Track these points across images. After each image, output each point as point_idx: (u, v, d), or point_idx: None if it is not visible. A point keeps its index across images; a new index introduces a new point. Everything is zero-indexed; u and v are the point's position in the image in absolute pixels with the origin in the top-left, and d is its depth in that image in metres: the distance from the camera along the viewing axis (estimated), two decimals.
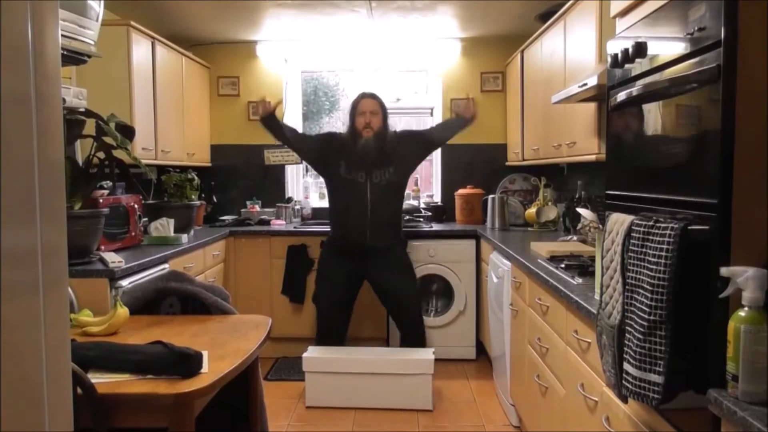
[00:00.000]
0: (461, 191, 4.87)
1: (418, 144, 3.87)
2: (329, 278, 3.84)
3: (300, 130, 4.95)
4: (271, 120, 3.76)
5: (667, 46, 1.52)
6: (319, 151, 3.85)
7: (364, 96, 3.79)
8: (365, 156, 3.69)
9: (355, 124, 3.73)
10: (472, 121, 3.85)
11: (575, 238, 3.50)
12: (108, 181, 3.18)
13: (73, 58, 2.62)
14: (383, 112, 3.76)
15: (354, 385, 3.55)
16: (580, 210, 2.90)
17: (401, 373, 3.53)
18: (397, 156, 3.75)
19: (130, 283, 2.77)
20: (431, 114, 5.25)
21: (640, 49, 1.62)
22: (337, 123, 5.64)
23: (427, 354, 3.60)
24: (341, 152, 3.74)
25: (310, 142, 3.97)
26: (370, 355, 3.62)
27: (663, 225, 1.34)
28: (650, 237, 1.37)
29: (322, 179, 5.34)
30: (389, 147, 3.73)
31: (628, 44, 1.67)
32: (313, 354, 3.64)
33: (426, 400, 3.53)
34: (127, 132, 2.80)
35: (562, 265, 2.55)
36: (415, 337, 3.81)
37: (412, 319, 3.82)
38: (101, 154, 2.69)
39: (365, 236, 3.70)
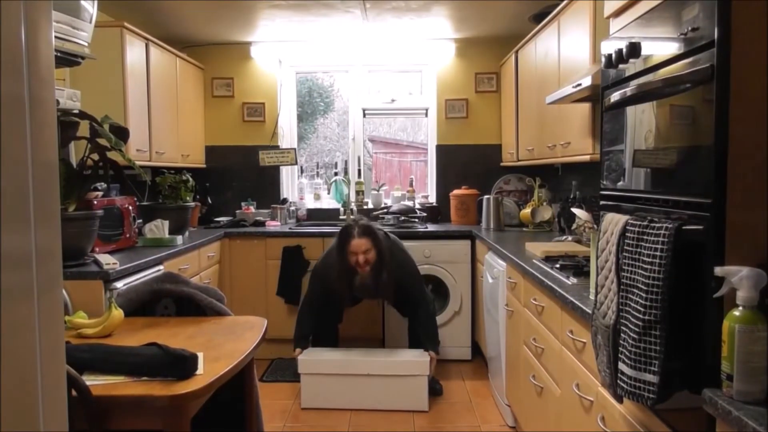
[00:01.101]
0: (456, 192, 4.88)
1: (410, 302, 3.76)
2: (324, 299, 3.80)
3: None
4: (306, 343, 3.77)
5: (660, 46, 1.52)
6: (326, 290, 3.72)
7: (352, 236, 3.52)
8: (364, 294, 3.74)
9: (347, 260, 3.55)
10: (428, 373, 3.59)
11: (570, 238, 3.51)
12: (102, 183, 3.17)
13: (66, 59, 2.61)
14: (377, 246, 3.53)
15: (349, 386, 3.55)
16: (574, 210, 2.90)
17: (397, 374, 3.53)
18: (396, 293, 3.70)
19: (124, 284, 2.76)
20: (426, 115, 5.26)
21: (634, 50, 1.62)
22: (331, 124, 5.65)
23: (422, 355, 3.60)
24: (336, 291, 3.66)
25: (320, 292, 3.78)
26: (365, 357, 3.62)
27: (657, 225, 1.35)
28: (645, 237, 1.38)
29: (317, 180, 5.39)
30: (388, 283, 3.58)
31: (622, 44, 1.67)
32: (308, 356, 3.63)
33: (421, 401, 3.53)
34: (122, 133, 2.79)
35: (557, 266, 2.55)
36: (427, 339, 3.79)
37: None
38: (95, 156, 2.68)
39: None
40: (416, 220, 4.67)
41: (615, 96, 1.68)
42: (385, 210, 4.78)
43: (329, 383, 3.57)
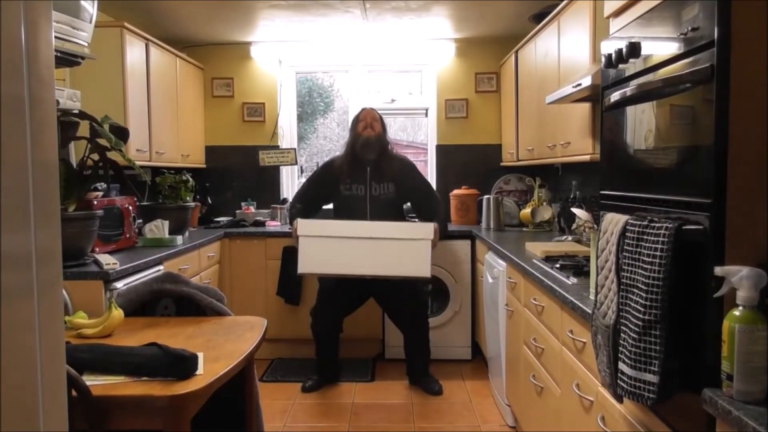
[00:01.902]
0: (456, 192, 4.88)
1: (414, 187, 3.88)
2: (332, 300, 3.82)
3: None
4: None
5: (660, 46, 1.52)
6: (321, 186, 3.90)
7: (363, 109, 3.92)
8: (366, 152, 3.71)
9: (356, 129, 3.81)
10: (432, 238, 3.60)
11: (570, 238, 3.51)
12: (102, 183, 3.17)
13: (66, 59, 2.61)
14: (382, 124, 3.85)
15: (350, 251, 3.40)
16: (574, 210, 2.90)
17: (400, 238, 3.40)
18: (398, 177, 3.77)
19: (124, 285, 2.76)
20: (426, 115, 5.26)
21: (634, 50, 1.62)
22: (331, 124, 5.65)
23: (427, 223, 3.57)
24: (341, 170, 3.77)
25: (315, 191, 3.95)
26: (367, 223, 3.52)
27: (657, 225, 1.35)
28: (645, 237, 1.38)
29: None
30: (390, 160, 3.76)
31: (622, 44, 1.67)
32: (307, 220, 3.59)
33: (424, 267, 3.40)
34: (122, 134, 2.79)
35: (557, 266, 2.55)
36: (418, 341, 3.86)
37: (417, 330, 3.90)
38: (95, 156, 2.68)
39: None
40: (416, 220, 4.66)
41: (615, 96, 1.68)
42: None
43: (329, 246, 3.40)
